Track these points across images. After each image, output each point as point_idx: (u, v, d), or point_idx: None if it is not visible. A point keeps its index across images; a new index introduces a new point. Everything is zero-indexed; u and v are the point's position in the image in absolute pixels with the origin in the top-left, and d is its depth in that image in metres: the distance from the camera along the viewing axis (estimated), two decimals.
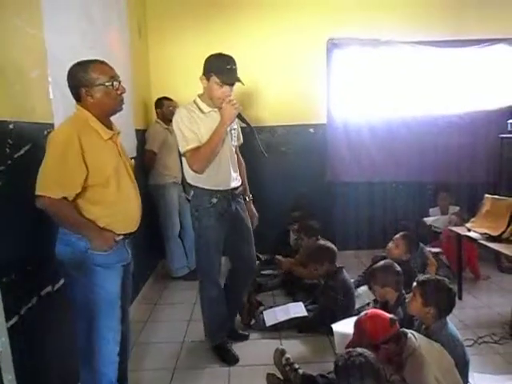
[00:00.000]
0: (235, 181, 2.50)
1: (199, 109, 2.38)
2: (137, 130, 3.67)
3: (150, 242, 3.68)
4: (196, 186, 2.44)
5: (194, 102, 2.42)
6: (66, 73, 1.75)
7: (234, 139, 2.51)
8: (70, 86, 1.76)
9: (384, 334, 1.94)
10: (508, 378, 2.30)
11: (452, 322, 2.21)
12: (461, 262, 3.42)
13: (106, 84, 1.73)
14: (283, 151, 4.36)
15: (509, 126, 3.96)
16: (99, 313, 1.77)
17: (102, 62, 1.78)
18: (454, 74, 4.24)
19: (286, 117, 4.26)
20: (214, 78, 2.28)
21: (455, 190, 4.26)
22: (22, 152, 1.79)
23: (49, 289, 1.99)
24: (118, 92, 1.78)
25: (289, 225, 4.15)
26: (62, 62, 1.92)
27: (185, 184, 4.15)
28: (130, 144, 3.20)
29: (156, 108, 4.03)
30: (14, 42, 1.81)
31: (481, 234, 3.05)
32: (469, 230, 3.18)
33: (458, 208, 4.14)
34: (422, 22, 4.14)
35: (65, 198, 1.66)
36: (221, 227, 2.47)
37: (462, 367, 2.04)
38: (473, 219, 3.28)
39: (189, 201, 4.12)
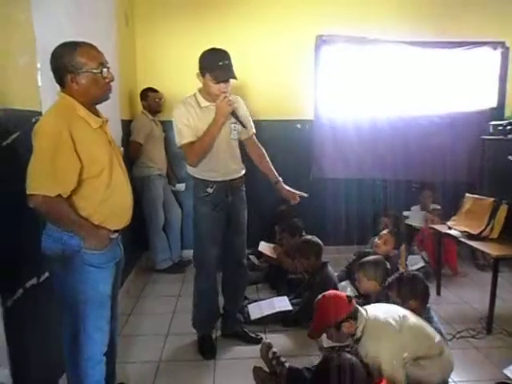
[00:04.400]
0: (235, 172, 2.51)
1: (197, 103, 2.40)
2: (122, 121, 3.61)
3: (133, 234, 3.64)
4: (194, 177, 2.49)
5: (194, 95, 2.43)
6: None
7: (234, 133, 2.50)
8: (53, 70, 1.62)
9: (345, 310, 2.03)
10: None
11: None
12: (440, 259, 3.51)
13: (94, 71, 1.60)
14: (269, 146, 4.35)
15: (490, 127, 4.05)
16: (88, 313, 1.69)
17: (91, 46, 1.64)
18: (438, 74, 4.32)
19: (273, 112, 4.26)
20: (208, 76, 2.29)
21: (439, 189, 4.35)
22: (9, 141, 1.74)
23: (34, 281, 1.95)
24: (107, 80, 1.65)
25: (275, 219, 4.17)
26: (50, 49, 1.86)
27: (170, 176, 4.15)
28: (115, 135, 3.10)
29: (141, 99, 3.98)
30: (2, 28, 1.75)
31: (461, 232, 3.14)
32: (449, 228, 3.27)
33: (438, 206, 4.23)
34: (409, 22, 4.19)
35: (59, 196, 1.54)
36: (217, 218, 2.48)
37: None
38: (454, 217, 3.36)
39: (174, 193, 4.15)
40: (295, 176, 4.32)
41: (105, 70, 1.63)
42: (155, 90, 3.96)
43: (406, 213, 4.28)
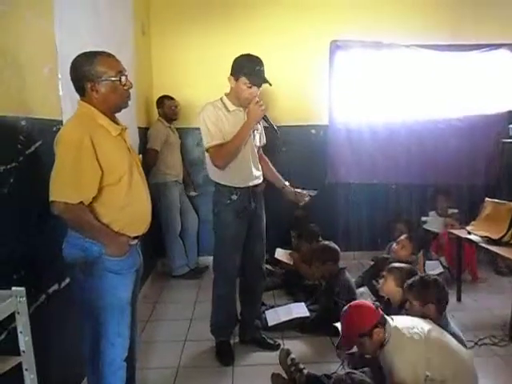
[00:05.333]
0: (256, 179, 2.53)
1: (225, 107, 2.43)
2: (139, 128, 3.66)
3: (150, 240, 3.68)
4: (217, 183, 2.49)
5: (221, 99, 2.46)
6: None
7: (257, 140, 2.55)
8: (73, 79, 1.65)
9: (372, 319, 1.98)
10: None
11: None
12: (461, 265, 3.46)
13: (113, 79, 1.63)
14: (284, 151, 4.37)
15: (510, 130, 4.00)
16: (108, 318, 1.71)
17: (109, 55, 1.68)
18: (455, 77, 4.28)
19: (288, 117, 4.26)
20: (244, 79, 2.32)
21: (455, 193, 4.29)
22: (32, 149, 1.78)
23: (55, 287, 1.98)
24: (125, 87, 1.68)
25: (290, 224, 4.16)
26: (70, 58, 1.90)
27: (186, 182, 4.18)
28: (133, 142, 3.15)
29: (158, 107, 4.02)
30: (26, 38, 1.80)
31: (481, 237, 3.08)
32: (469, 233, 3.21)
33: (456, 211, 4.17)
34: (424, 25, 4.17)
35: (81, 203, 1.57)
36: (240, 224, 2.49)
37: None
38: (473, 222, 3.30)
39: (191, 200, 4.18)
40: (310, 181, 4.33)
41: (123, 77, 1.66)
42: (171, 98, 4.00)
43: (424, 218, 4.23)
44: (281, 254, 3.89)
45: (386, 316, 2.05)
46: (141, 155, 2.02)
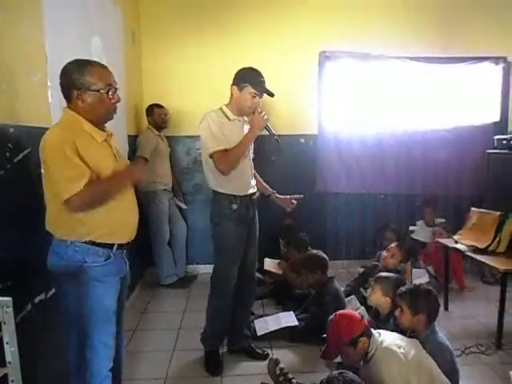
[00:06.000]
0: (253, 188, 2.59)
1: (226, 116, 2.48)
2: (128, 136, 3.65)
3: (138, 249, 3.65)
4: (217, 192, 2.50)
5: (221, 109, 2.51)
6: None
7: (251, 150, 2.62)
8: (61, 85, 1.65)
9: (359, 327, 2.03)
10: None
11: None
12: (448, 273, 3.49)
13: (101, 91, 1.63)
14: (273, 160, 4.38)
15: (495, 141, 4.07)
16: (93, 328, 1.69)
17: (102, 66, 1.69)
18: (442, 89, 4.36)
19: (277, 126, 4.23)
20: (249, 89, 2.40)
21: (442, 203, 4.35)
22: (20, 156, 1.77)
23: (42, 296, 1.95)
24: (113, 101, 1.68)
25: (279, 233, 4.17)
26: (60, 67, 1.90)
27: (175, 191, 4.17)
28: (121, 150, 3.15)
29: (147, 115, 4.01)
30: (16, 48, 1.80)
31: (468, 246, 3.12)
32: (456, 242, 3.26)
33: (443, 220, 4.22)
34: (412, 38, 4.25)
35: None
36: (240, 234, 2.51)
37: (451, 375, 2.08)
38: (460, 232, 3.35)
39: (179, 208, 4.17)
40: (299, 190, 4.35)
41: (111, 91, 1.66)
42: (161, 106, 4.00)
43: (411, 227, 4.27)
44: (269, 264, 3.89)
45: (371, 328, 2.08)
46: (129, 162, 2.01)
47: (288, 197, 2.77)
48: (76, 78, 1.60)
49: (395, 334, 2.15)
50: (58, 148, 1.55)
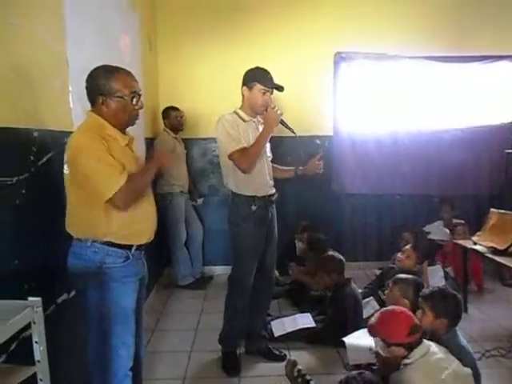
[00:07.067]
0: (272, 188, 2.61)
1: (240, 118, 2.51)
2: (145, 139, 3.70)
3: (155, 250, 3.69)
4: (236, 194, 2.51)
5: (235, 112, 2.54)
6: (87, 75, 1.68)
7: (268, 151, 2.64)
8: (87, 88, 1.68)
9: (400, 337, 1.92)
10: None
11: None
12: (467, 275, 3.45)
13: (125, 98, 1.67)
14: (289, 161, 4.37)
15: None
16: (113, 328, 1.71)
17: (128, 74, 1.71)
18: (459, 88, 4.31)
19: (293, 127, 4.28)
20: (259, 86, 2.43)
21: (460, 203, 4.30)
22: (44, 160, 1.81)
23: (64, 296, 1.99)
24: (136, 108, 1.72)
25: (295, 234, 4.17)
26: (80, 73, 1.94)
27: (192, 192, 4.20)
28: (139, 153, 3.22)
29: (163, 118, 4.06)
30: (39, 55, 1.84)
31: (487, 247, 3.08)
32: (475, 244, 3.22)
33: (461, 221, 4.15)
34: (428, 37, 4.22)
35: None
36: (260, 235, 2.53)
37: (474, 379, 2.05)
38: (478, 233, 3.31)
39: (195, 209, 4.20)
40: (315, 191, 4.37)
41: (135, 98, 1.70)
42: (177, 109, 4.04)
43: (427, 228, 4.22)
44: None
45: (425, 341, 1.99)
46: None
47: (311, 161, 2.72)
48: (102, 83, 1.64)
49: (444, 350, 2.04)
50: (90, 148, 1.58)
